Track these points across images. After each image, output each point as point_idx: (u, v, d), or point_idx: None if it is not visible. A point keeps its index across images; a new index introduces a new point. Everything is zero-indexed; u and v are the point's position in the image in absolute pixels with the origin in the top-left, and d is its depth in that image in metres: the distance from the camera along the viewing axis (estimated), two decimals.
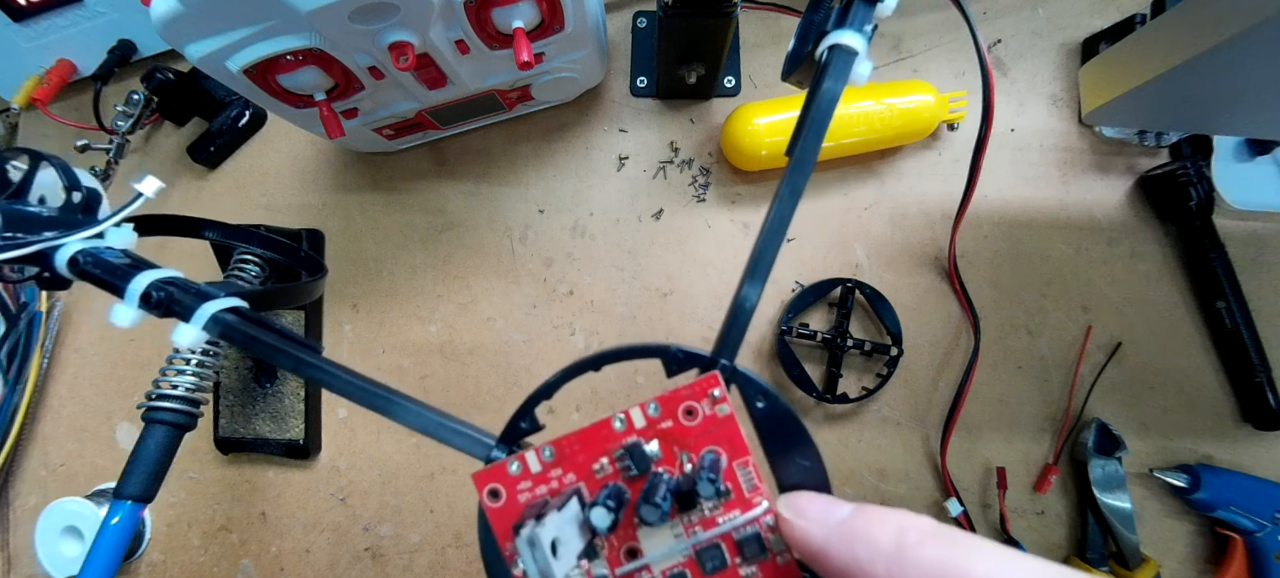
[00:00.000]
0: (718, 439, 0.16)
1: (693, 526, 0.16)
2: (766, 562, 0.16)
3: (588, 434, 0.16)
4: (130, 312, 0.16)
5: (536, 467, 0.17)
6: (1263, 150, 0.40)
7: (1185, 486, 0.38)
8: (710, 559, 0.16)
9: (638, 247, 0.43)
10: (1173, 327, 0.41)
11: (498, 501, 0.17)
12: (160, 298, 0.16)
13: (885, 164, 0.43)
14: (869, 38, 0.17)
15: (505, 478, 0.17)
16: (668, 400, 0.16)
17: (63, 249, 0.16)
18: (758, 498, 0.16)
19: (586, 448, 0.16)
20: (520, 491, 0.16)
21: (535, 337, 0.42)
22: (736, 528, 0.16)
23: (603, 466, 0.16)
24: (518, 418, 0.18)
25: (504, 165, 0.44)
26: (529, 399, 0.18)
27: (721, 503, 0.16)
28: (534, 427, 0.18)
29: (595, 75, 0.41)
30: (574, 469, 0.16)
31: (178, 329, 0.16)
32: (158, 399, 0.34)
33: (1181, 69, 0.32)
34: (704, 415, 0.16)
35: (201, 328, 0.16)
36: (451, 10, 0.30)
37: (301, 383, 0.42)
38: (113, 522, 0.32)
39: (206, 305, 0.16)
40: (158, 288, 0.16)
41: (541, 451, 0.17)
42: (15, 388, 0.42)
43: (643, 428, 0.16)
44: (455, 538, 0.41)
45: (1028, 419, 0.40)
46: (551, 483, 0.16)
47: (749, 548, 0.16)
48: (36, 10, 0.42)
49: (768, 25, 0.45)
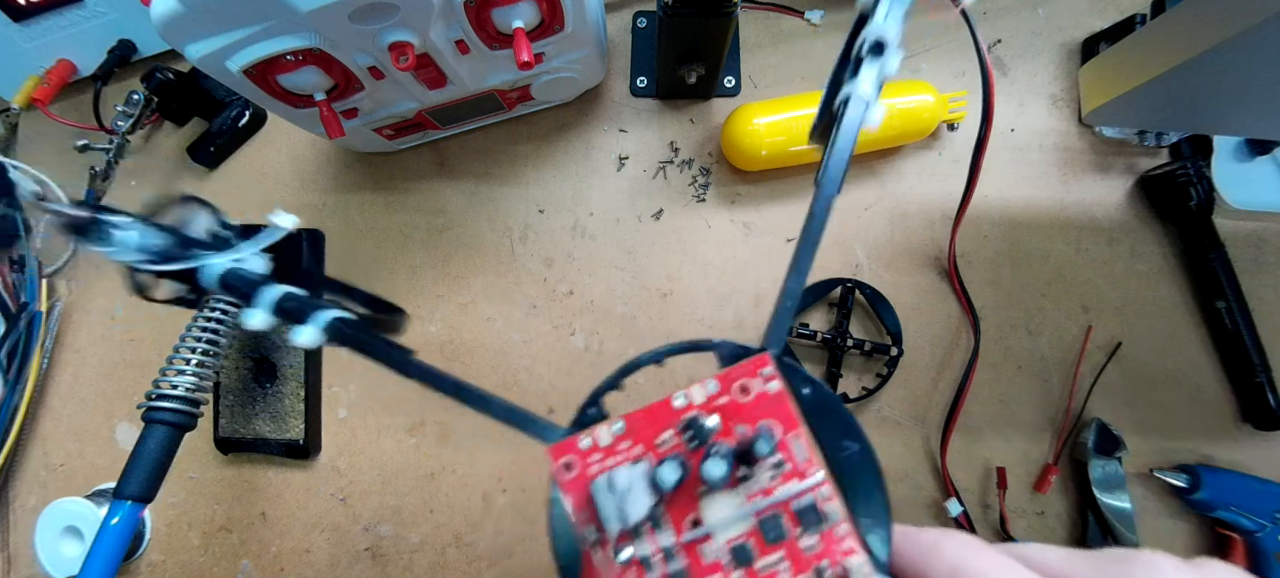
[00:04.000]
0: (771, 414, 0.17)
1: (754, 495, 0.17)
2: (826, 532, 0.16)
3: (652, 411, 0.18)
4: (264, 316, 0.19)
5: (606, 440, 0.18)
6: (1263, 150, 0.40)
7: (1185, 486, 0.38)
8: (771, 529, 0.17)
9: (638, 247, 0.43)
10: (1173, 327, 0.41)
11: (570, 472, 0.18)
12: (289, 306, 0.19)
13: (885, 164, 0.43)
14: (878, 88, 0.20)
15: (577, 451, 0.18)
16: (724, 378, 0.18)
17: (215, 266, 0.20)
18: (812, 469, 0.17)
19: (651, 423, 0.18)
20: (591, 462, 0.18)
21: (535, 337, 0.42)
22: (794, 498, 0.17)
23: (666, 438, 0.18)
24: (587, 406, 0.19)
25: (504, 165, 0.44)
26: (596, 390, 0.19)
27: (779, 474, 0.17)
28: (601, 415, 0.19)
29: (595, 75, 0.41)
30: (641, 442, 0.18)
31: (299, 332, 0.19)
32: (158, 399, 0.34)
33: (1181, 69, 0.32)
34: (757, 392, 0.18)
35: (321, 329, 0.19)
36: (451, 10, 0.30)
37: (301, 383, 0.42)
38: (113, 522, 0.32)
39: (324, 313, 0.19)
40: (286, 299, 0.20)
41: (611, 424, 0.18)
42: (15, 388, 0.42)
43: (702, 404, 0.18)
44: (455, 538, 0.41)
45: (1028, 419, 0.40)
46: (619, 456, 0.18)
47: (808, 518, 0.17)
48: (36, 10, 0.42)
49: (768, 25, 0.45)
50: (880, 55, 0.19)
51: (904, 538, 0.16)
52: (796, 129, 0.39)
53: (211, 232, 0.22)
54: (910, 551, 0.16)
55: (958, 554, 0.15)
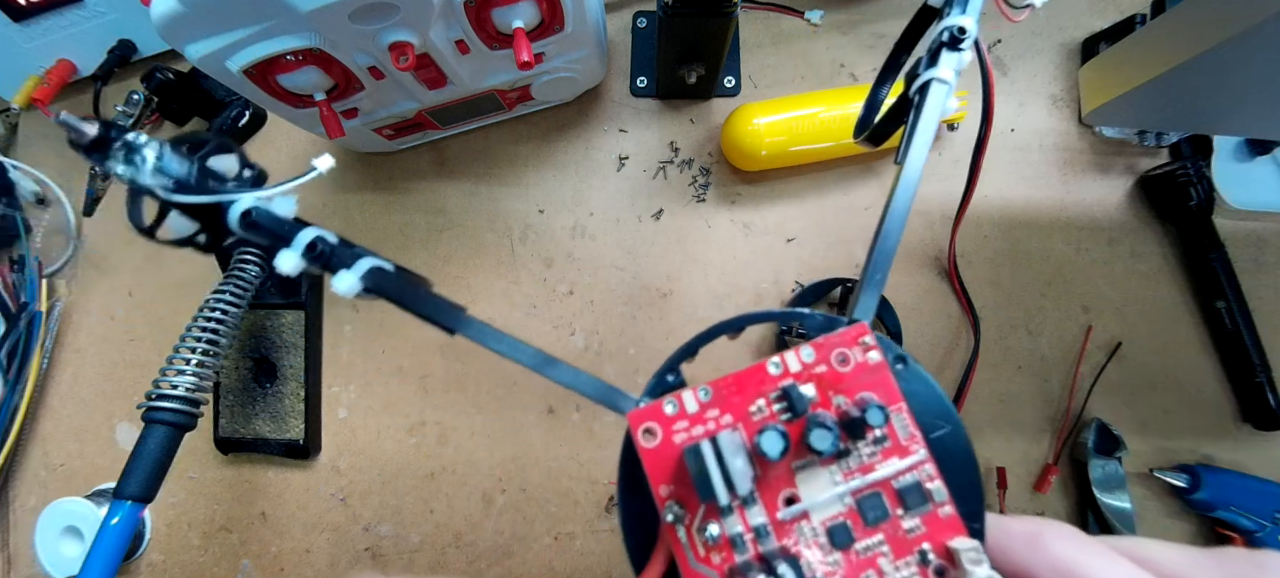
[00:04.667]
0: (870, 386, 0.16)
1: (852, 472, 0.16)
2: (929, 512, 0.15)
3: (743, 377, 0.16)
4: (294, 258, 0.18)
5: (693, 406, 0.16)
6: (1263, 150, 0.40)
7: (1185, 486, 0.38)
8: (872, 509, 0.15)
9: (638, 247, 0.43)
10: (1173, 327, 0.41)
11: (653, 440, 0.16)
12: (323, 250, 0.18)
13: (885, 164, 0.43)
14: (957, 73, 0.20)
15: (661, 417, 0.16)
16: (821, 347, 0.16)
17: (238, 203, 0.18)
18: (915, 446, 0.16)
19: (742, 390, 0.16)
20: (676, 431, 0.16)
21: (535, 337, 0.42)
22: (896, 475, 0.16)
23: (759, 407, 0.16)
24: (664, 372, 0.18)
25: (504, 165, 0.44)
26: (674, 355, 0.18)
27: (879, 451, 0.16)
28: (680, 383, 0.18)
29: (595, 75, 0.41)
30: (731, 410, 0.16)
31: (339, 277, 0.17)
32: (158, 399, 0.34)
33: (1181, 69, 0.32)
34: (856, 362, 0.16)
35: (359, 278, 0.17)
36: (451, 10, 0.30)
37: (301, 383, 0.42)
38: (113, 522, 0.32)
39: (366, 259, 0.18)
40: (320, 242, 0.18)
41: (698, 391, 0.16)
42: (15, 388, 0.42)
43: (798, 372, 0.16)
44: (455, 538, 0.41)
45: (1028, 419, 0.40)
46: (708, 424, 0.16)
47: (911, 497, 0.15)
48: (36, 10, 0.42)
49: (768, 25, 0.45)
50: (958, 46, 0.20)
51: (997, 527, 0.15)
52: (796, 129, 0.39)
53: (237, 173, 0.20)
54: (1006, 542, 0.15)
55: (1064, 552, 0.14)
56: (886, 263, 0.18)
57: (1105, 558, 0.14)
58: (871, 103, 0.25)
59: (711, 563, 0.15)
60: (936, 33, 0.20)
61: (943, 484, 0.16)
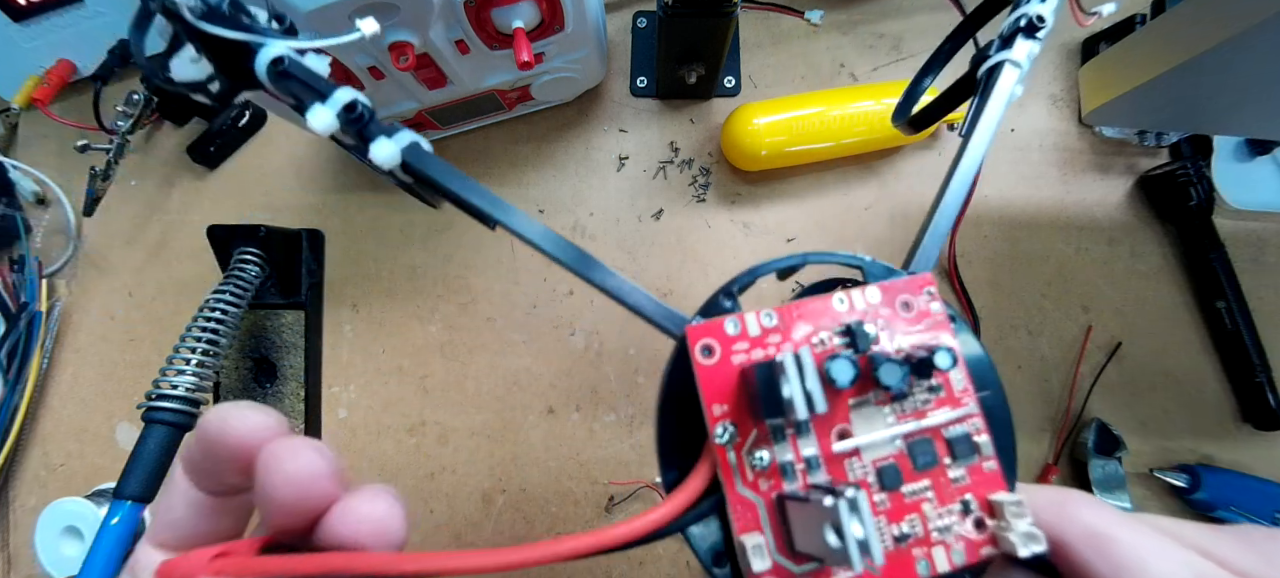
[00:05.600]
0: (931, 334, 0.16)
1: (906, 416, 0.16)
2: (975, 465, 0.16)
3: (810, 306, 0.16)
4: (329, 116, 0.16)
5: (756, 329, 0.16)
6: (1263, 150, 0.40)
7: (1185, 486, 0.38)
8: (922, 454, 0.15)
9: (638, 247, 0.43)
10: (1173, 327, 0.41)
11: (711, 358, 0.16)
12: (363, 112, 0.16)
13: (885, 164, 0.43)
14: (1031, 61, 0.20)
15: (722, 336, 0.16)
16: (888, 290, 0.17)
17: (269, 48, 0.16)
18: (967, 399, 0.16)
19: (808, 319, 0.16)
20: (735, 352, 0.16)
21: (535, 337, 0.42)
22: (947, 424, 0.16)
23: (822, 340, 0.16)
24: (720, 295, 0.17)
25: (504, 165, 0.44)
26: (733, 280, 0.17)
27: (933, 399, 0.16)
28: (736, 308, 0.17)
29: (595, 75, 0.41)
30: (793, 339, 0.16)
31: (378, 144, 0.16)
32: (158, 399, 0.34)
33: (1181, 69, 0.32)
34: (919, 310, 0.17)
35: (402, 149, 0.16)
36: (451, 10, 0.30)
37: (301, 383, 0.42)
38: (113, 522, 0.32)
39: (405, 133, 0.16)
40: (361, 104, 0.16)
41: (761, 314, 0.16)
42: (15, 388, 0.42)
43: (862, 311, 0.16)
44: (455, 538, 0.41)
45: (1028, 419, 0.40)
46: (768, 349, 0.16)
47: (960, 447, 0.16)
48: (36, 10, 0.42)
49: (768, 25, 0.45)
50: (1035, 34, 0.20)
51: (1024, 493, 0.15)
52: (796, 129, 0.39)
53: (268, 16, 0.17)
54: (1033, 508, 0.15)
55: (1095, 519, 0.14)
56: (948, 224, 0.19)
57: (1130, 523, 0.14)
58: (913, 90, 0.25)
59: (758, 489, 0.15)
60: (1012, 18, 0.20)
61: (990, 439, 0.16)
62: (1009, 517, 0.14)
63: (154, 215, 0.46)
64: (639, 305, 0.17)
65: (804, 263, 0.18)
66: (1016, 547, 0.14)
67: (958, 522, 0.15)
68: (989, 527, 0.15)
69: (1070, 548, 0.14)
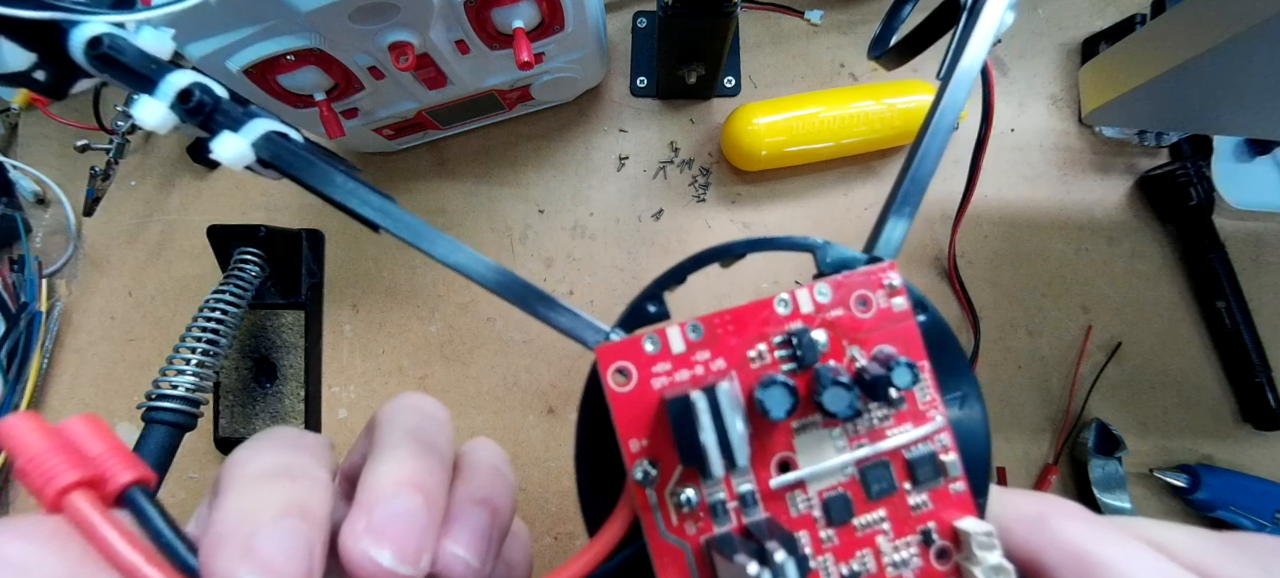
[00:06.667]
0: (892, 337, 0.14)
1: (859, 438, 0.14)
2: (939, 489, 0.14)
3: (743, 313, 0.14)
4: (160, 109, 0.13)
5: (679, 345, 0.13)
6: (1263, 150, 0.40)
7: (1185, 486, 0.38)
8: (877, 481, 0.13)
9: (638, 247, 0.43)
10: (1173, 327, 0.41)
11: (626, 384, 0.13)
12: (203, 101, 0.14)
13: (885, 164, 0.43)
14: None
15: (639, 356, 0.13)
16: (840, 286, 0.14)
17: (85, 26, 0.13)
18: (934, 412, 0.14)
19: (741, 330, 0.14)
20: (655, 374, 0.13)
21: (535, 337, 0.42)
22: (907, 446, 0.14)
23: (760, 353, 0.14)
24: (644, 300, 0.15)
25: (504, 165, 0.44)
26: (657, 280, 0.15)
27: (892, 414, 0.14)
28: (663, 314, 0.15)
29: (595, 75, 0.41)
30: (724, 354, 0.13)
31: (221, 139, 0.13)
32: (158, 399, 0.34)
33: (1181, 69, 0.32)
34: (878, 308, 0.14)
35: (252, 144, 0.14)
36: (451, 10, 0.30)
37: (301, 383, 0.42)
38: None
39: (261, 121, 0.14)
40: (201, 89, 0.13)
41: (686, 327, 0.14)
42: (15, 388, 0.42)
43: (809, 314, 0.14)
44: None
45: (1028, 419, 0.40)
46: (696, 369, 0.13)
47: (922, 470, 0.13)
48: None
49: (768, 25, 0.45)
50: None
51: (1000, 504, 0.14)
52: (796, 129, 0.39)
53: None
54: (1010, 522, 0.13)
55: (1074, 534, 0.12)
56: (921, 190, 0.16)
57: (1118, 542, 0.12)
58: (890, 18, 0.22)
59: (685, 534, 0.13)
60: None
61: (958, 458, 0.14)
62: (976, 549, 0.13)
63: (154, 215, 0.46)
64: (549, 319, 0.15)
65: (746, 251, 0.15)
66: None
67: (917, 555, 0.13)
68: (953, 558, 0.13)
69: (1049, 570, 0.13)
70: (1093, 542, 0.12)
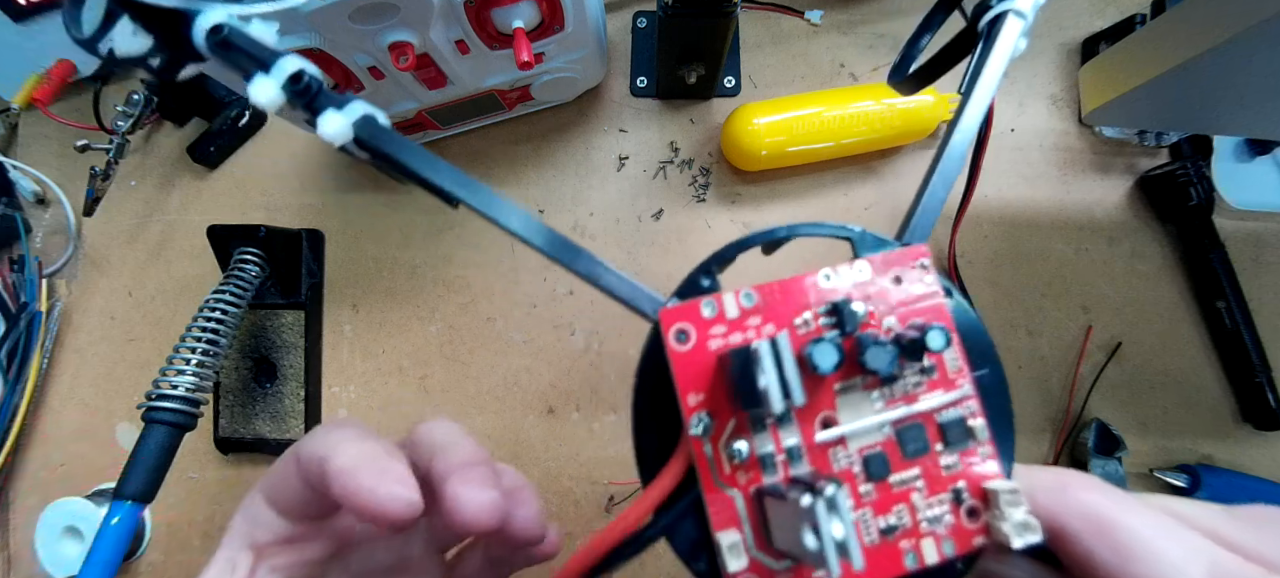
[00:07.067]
0: (924, 313, 0.15)
1: (895, 400, 0.15)
2: (969, 451, 0.15)
3: (791, 285, 0.15)
4: (273, 88, 0.15)
5: (734, 311, 0.15)
6: (1263, 150, 0.40)
7: (1185, 486, 0.38)
8: (912, 440, 0.15)
9: (638, 247, 0.43)
10: (1173, 327, 0.41)
11: (685, 344, 0.15)
12: (310, 82, 0.15)
13: (885, 164, 0.43)
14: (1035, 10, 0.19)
15: (697, 319, 0.15)
16: (878, 263, 0.16)
17: (207, 14, 0.15)
18: (962, 380, 0.15)
19: (789, 299, 0.15)
20: (712, 336, 0.15)
21: (535, 337, 0.42)
22: (939, 409, 0.15)
23: (806, 321, 0.15)
24: (699, 273, 0.16)
25: (504, 165, 0.44)
26: (711, 257, 0.16)
27: (925, 381, 0.15)
28: (714, 288, 0.16)
29: (595, 75, 0.41)
30: (774, 320, 0.15)
31: (326, 116, 0.15)
32: (158, 399, 0.34)
33: (1181, 69, 0.32)
34: (912, 284, 0.16)
35: (353, 123, 0.15)
36: (451, 10, 0.30)
37: (301, 383, 0.42)
38: (113, 522, 0.32)
39: (358, 104, 0.15)
40: (307, 73, 0.15)
41: (740, 294, 0.15)
42: (15, 388, 0.42)
43: (850, 288, 0.15)
44: None
45: (1028, 419, 0.40)
46: (748, 333, 0.15)
47: (953, 432, 0.15)
48: (36, 10, 0.42)
49: (768, 25, 0.45)
50: None
51: (1022, 476, 0.15)
52: (796, 129, 0.39)
53: None
54: (1032, 492, 0.14)
55: (1094, 503, 0.13)
56: (946, 186, 0.17)
57: (1136, 510, 0.13)
58: (910, 47, 0.24)
59: (736, 482, 0.14)
60: None
61: (985, 423, 0.15)
62: (1003, 506, 0.14)
63: (154, 215, 0.46)
64: (611, 287, 0.16)
65: (791, 235, 0.17)
66: (1010, 538, 0.13)
67: (949, 512, 0.15)
68: (982, 516, 0.14)
69: (1071, 535, 0.13)
70: (1112, 507, 0.13)
